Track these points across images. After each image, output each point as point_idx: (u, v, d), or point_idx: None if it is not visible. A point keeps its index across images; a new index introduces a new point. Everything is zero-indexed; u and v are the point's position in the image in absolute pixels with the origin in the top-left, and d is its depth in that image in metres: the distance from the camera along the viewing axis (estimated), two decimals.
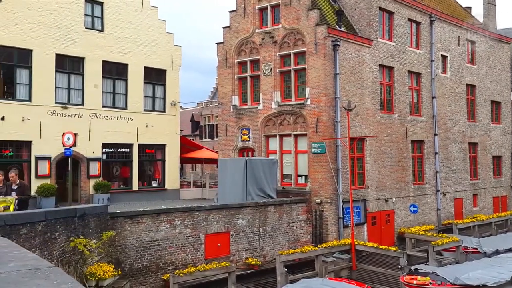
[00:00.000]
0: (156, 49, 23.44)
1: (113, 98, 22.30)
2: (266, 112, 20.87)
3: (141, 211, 13.87)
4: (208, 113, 44.40)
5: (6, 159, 18.83)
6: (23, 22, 18.98)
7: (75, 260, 11.06)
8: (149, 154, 23.83)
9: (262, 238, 16.57)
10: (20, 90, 19.40)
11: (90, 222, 12.07)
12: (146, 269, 13.55)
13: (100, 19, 21.64)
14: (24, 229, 9.38)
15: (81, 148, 20.29)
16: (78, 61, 20.93)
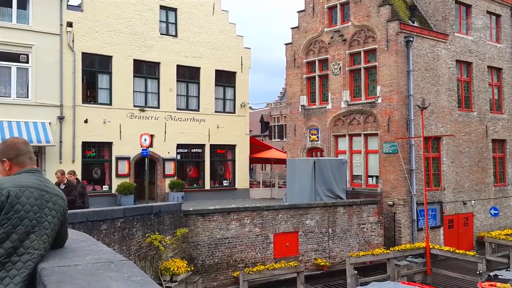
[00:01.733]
0: (227, 52, 23.97)
1: (187, 100, 23.13)
2: (335, 111, 20.60)
3: (212, 210, 14.30)
4: (277, 114, 44.60)
5: (90, 159, 20.23)
6: (103, 30, 20.26)
7: (151, 255, 11.64)
8: (220, 154, 24.42)
9: (331, 239, 16.40)
10: (102, 94, 20.72)
11: (165, 219, 12.64)
12: (217, 266, 13.95)
13: (174, 25, 22.54)
14: (104, 225, 10.02)
15: (157, 148, 21.26)
16: (154, 66, 21.96)
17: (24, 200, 2.52)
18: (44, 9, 18.72)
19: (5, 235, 2.44)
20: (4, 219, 2.45)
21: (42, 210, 2.60)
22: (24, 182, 2.60)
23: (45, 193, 2.66)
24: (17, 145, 2.81)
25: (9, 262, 2.43)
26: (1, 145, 2.87)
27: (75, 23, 19.40)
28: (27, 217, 2.51)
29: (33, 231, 2.53)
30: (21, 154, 2.79)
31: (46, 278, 2.24)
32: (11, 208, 2.46)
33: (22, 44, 18.19)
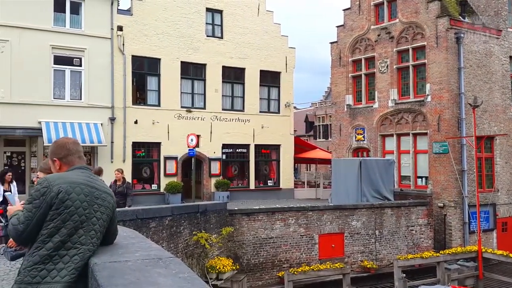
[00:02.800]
0: (272, 52, 24.02)
1: (232, 101, 23.37)
2: (382, 110, 20.18)
3: (257, 209, 14.38)
4: (322, 113, 44.17)
5: (139, 158, 20.85)
6: (152, 33, 20.83)
7: (197, 253, 11.86)
8: (265, 154, 24.50)
9: (378, 241, 16.08)
10: (150, 96, 21.31)
11: (211, 218, 12.84)
12: (262, 265, 14.01)
13: (219, 27, 22.84)
14: (153, 222, 10.32)
15: (203, 148, 21.61)
16: (200, 67, 22.34)
17: (75, 196, 2.63)
18: (95, 14, 19.49)
19: (54, 229, 2.56)
20: (55, 214, 2.57)
21: (92, 206, 2.70)
22: (75, 178, 2.72)
23: (95, 190, 2.76)
24: (66, 145, 2.94)
25: (57, 256, 2.56)
26: (52, 145, 3.02)
27: (125, 26, 20.07)
28: (77, 212, 2.62)
29: (81, 226, 2.63)
30: (70, 153, 2.91)
31: (98, 273, 2.34)
32: (61, 204, 2.58)
33: (76, 48, 19.01)
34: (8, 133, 17.94)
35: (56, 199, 2.58)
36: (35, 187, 2.66)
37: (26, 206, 2.62)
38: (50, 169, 3.31)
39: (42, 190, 2.60)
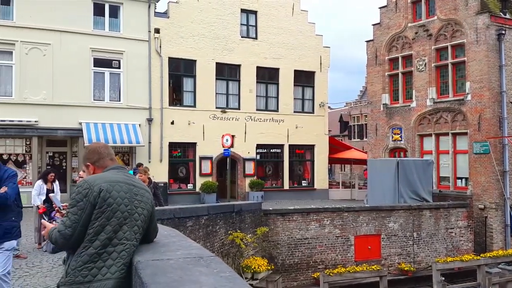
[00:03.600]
0: (306, 52, 23.91)
1: (266, 101, 23.41)
2: (420, 110, 19.74)
3: (292, 210, 14.35)
4: (357, 113, 43.57)
5: (176, 158, 21.20)
6: (188, 35, 21.14)
7: (233, 253, 11.95)
8: (299, 154, 24.40)
9: (416, 244, 15.74)
10: (187, 97, 21.63)
11: (246, 218, 12.91)
12: (297, 266, 13.97)
13: (254, 28, 22.92)
14: (190, 221, 10.46)
15: (238, 148, 21.74)
16: (235, 68, 22.50)
17: (115, 194, 2.71)
18: (133, 17, 19.95)
19: (100, 227, 2.64)
20: (98, 213, 2.65)
21: (132, 202, 2.78)
22: (112, 177, 2.81)
23: (133, 187, 2.84)
24: (98, 149, 3.06)
25: (105, 253, 2.63)
26: (85, 151, 3.15)
27: (162, 29, 20.45)
28: (119, 209, 2.69)
29: (125, 222, 2.71)
30: (102, 157, 3.02)
31: (142, 271, 2.40)
32: (104, 202, 2.66)
33: (115, 50, 19.52)
34: (50, 133, 18.61)
35: (98, 198, 2.66)
36: (76, 190, 2.73)
37: (71, 209, 2.68)
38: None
39: (84, 192, 2.68)
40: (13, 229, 5.30)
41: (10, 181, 5.16)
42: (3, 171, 5.17)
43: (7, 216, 5.23)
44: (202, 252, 2.93)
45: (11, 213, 5.33)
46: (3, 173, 5.13)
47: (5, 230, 5.18)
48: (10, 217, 5.28)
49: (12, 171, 5.34)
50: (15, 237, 5.41)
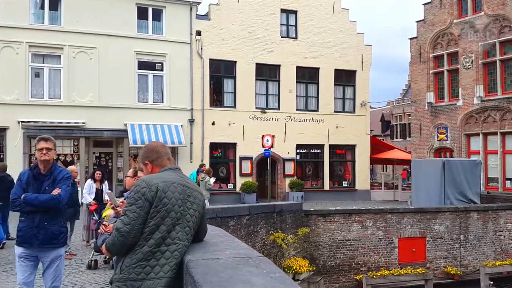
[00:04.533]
0: (347, 50, 23.59)
1: (306, 101, 23.28)
2: (467, 108, 19.08)
3: (333, 210, 14.19)
4: (400, 112, 42.63)
5: (216, 159, 21.44)
6: (228, 36, 21.33)
7: (274, 253, 11.94)
8: (340, 154, 24.12)
9: (463, 247, 15.21)
10: (227, 98, 21.83)
11: (286, 218, 12.87)
12: (339, 268, 13.80)
13: (294, 27, 22.85)
14: (232, 221, 10.54)
15: (277, 149, 21.73)
16: (274, 68, 22.50)
17: (170, 194, 2.77)
18: (176, 20, 20.34)
19: (155, 226, 2.70)
20: (154, 212, 2.71)
21: (185, 204, 2.83)
22: (168, 178, 2.86)
23: (187, 188, 2.89)
24: (156, 148, 3.12)
25: (159, 252, 2.69)
26: (143, 149, 3.21)
27: (203, 31, 20.74)
28: (173, 210, 2.75)
29: (178, 223, 2.77)
30: (160, 156, 3.08)
31: (193, 269, 2.44)
32: (159, 202, 2.72)
33: (158, 53, 19.97)
34: (96, 134, 19.26)
35: (155, 197, 2.72)
36: (134, 189, 2.79)
37: (129, 208, 2.74)
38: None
39: (142, 190, 2.74)
40: (60, 235, 4.82)
41: (64, 183, 4.75)
42: (57, 172, 4.79)
43: (56, 220, 4.78)
44: (251, 252, 2.95)
45: (61, 217, 4.91)
46: (58, 173, 4.77)
47: (53, 235, 4.71)
48: (59, 222, 4.83)
49: (67, 173, 4.96)
50: (62, 244, 4.87)
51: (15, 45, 17.85)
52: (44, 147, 4.59)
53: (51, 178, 4.69)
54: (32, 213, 4.65)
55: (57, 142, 17.50)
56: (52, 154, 4.68)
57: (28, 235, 4.63)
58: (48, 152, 4.61)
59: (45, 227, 4.65)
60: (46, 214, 4.65)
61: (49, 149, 4.62)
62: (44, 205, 4.59)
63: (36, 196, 4.59)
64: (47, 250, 4.69)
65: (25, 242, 4.64)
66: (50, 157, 4.65)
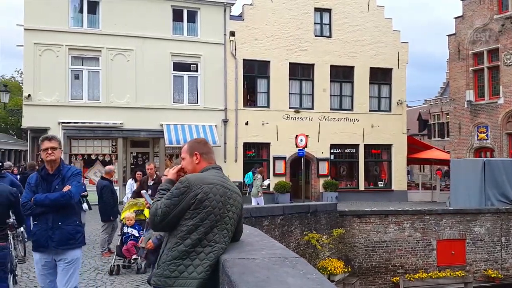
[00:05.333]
0: (382, 48, 23.18)
1: (340, 100, 23.02)
2: (508, 106, 18.41)
3: (369, 211, 13.99)
4: (437, 111, 41.56)
5: (250, 159, 21.49)
6: (262, 36, 21.35)
7: (308, 253, 11.88)
8: (375, 154, 23.73)
9: (505, 249, 14.67)
10: (260, 97, 21.86)
11: (321, 219, 12.78)
12: (375, 269, 13.59)
13: (328, 26, 22.64)
14: (266, 221, 10.56)
15: (311, 148, 21.59)
16: (308, 68, 22.36)
17: (212, 197, 2.78)
18: (210, 21, 20.54)
19: (193, 227, 2.73)
20: (194, 213, 2.74)
21: (225, 206, 2.84)
22: (211, 179, 2.87)
23: (227, 191, 2.90)
24: (208, 144, 3.19)
25: (194, 252, 2.72)
26: (193, 142, 3.23)
27: (237, 32, 20.84)
28: (213, 212, 2.77)
29: (216, 225, 2.78)
30: (210, 152, 3.13)
31: (229, 269, 2.45)
32: (200, 204, 2.74)
33: (193, 54, 20.22)
34: (134, 135, 19.70)
35: (194, 199, 2.75)
36: (177, 184, 2.85)
37: (165, 201, 2.80)
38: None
39: (183, 190, 2.78)
40: (77, 235, 4.58)
41: (74, 179, 4.58)
42: (66, 169, 4.63)
43: (71, 218, 4.56)
44: (286, 252, 2.94)
45: (76, 215, 4.67)
46: (66, 171, 4.61)
47: (69, 235, 4.49)
48: (74, 220, 4.61)
49: (75, 169, 4.78)
50: (79, 244, 4.64)
51: (55, 48, 18.47)
52: (49, 147, 4.49)
53: (59, 177, 4.55)
54: (45, 215, 4.47)
55: (96, 142, 17.87)
56: (57, 153, 4.56)
57: (43, 238, 4.44)
58: (54, 152, 4.50)
59: (60, 227, 4.46)
60: (59, 214, 4.48)
61: (54, 148, 4.51)
62: (55, 203, 4.41)
63: (45, 195, 4.43)
64: (64, 251, 4.50)
65: (41, 246, 4.47)
66: (56, 156, 4.53)
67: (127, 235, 7.87)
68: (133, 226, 7.90)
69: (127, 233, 7.88)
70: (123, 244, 7.79)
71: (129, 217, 7.92)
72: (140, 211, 8.15)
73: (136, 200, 8.25)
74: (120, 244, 7.90)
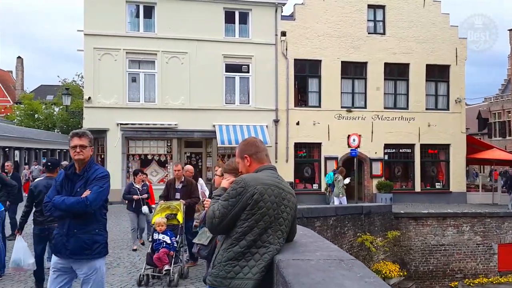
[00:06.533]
0: (439, 44, 22.34)
1: (394, 99, 22.42)
2: None
3: (425, 213, 13.57)
4: (498, 109, 39.54)
5: (301, 159, 21.41)
6: (313, 36, 21.19)
7: (362, 256, 11.67)
8: (432, 154, 22.91)
9: None
10: (311, 97, 21.70)
11: (375, 220, 12.52)
12: (432, 274, 13.15)
13: (381, 23, 22.12)
14: (318, 222, 10.48)
15: (364, 148, 21.17)
16: (361, 66, 21.95)
17: (267, 198, 2.76)
18: (261, 22, 20.65)
19: (248, 228, 2.73)
20: (249, 214, 2.73)
21: (279, 207, 2.81)
22: (266, 180, 2.85)
23: (282, 191, 2.87)
24: (256, 143, 3.11)
25: (249, 253, 2.72)
26: (242, 144, 3.19)
27: (288, 31, 20.81)
28: (268, 213, 2.75)
29: (270, 226, 2.77)
30: (259, 151, 3.07)
31: (284, 270, 2.44)
32: (255, 205, 2.73)
33: (244, 55, 20.42)
34: (187, 135, 20.17)
35: (251, 200, 2.73)
36: (233, 185, 2.83)
37: (223, 202, 2.80)
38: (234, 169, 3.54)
39: (239, 190, 2.77)
40: (94, 245, 4.08)
41: (96, 183, 4.06)
42: (92, 171, 4.13)
43: (89, 226, 4.08)
44: (342, 254, 2.90)
45: (96, 223, 4.14)
46: (92, 173, 4.12)
47: (84, 244, 4.03)
48: (92, 229, 4.10)
49: (102, 172, 4.19)
50: (96, 255, 4.12)
51: (113, 52, 19.26)
52: (78, 144, 4.07)
53: (84, 178, 4.10)
54: (62, 219, 4.11)
55: (152, 143, 18.23)
56: (87, 152, 4.11)
57: (59, 244, 4.09)
58: (83, 150, 4.07)
59: (75, 235, 4.03)
60: (76, 220, 4.04)
61: (83, 146, 4.08)
62: (70, 209, 3.98)
63: (63, 199, 4.02)
64: (79, 262, 4.08)
65: (57, 251, 4.13)
66: (85, 155, 4.09)
67: (158, 242, 7.09)
68: (164, 232, 7.15)
69: (158, 240, 7.10)
70: (154, 252, 6.98)
71: (160, 222, 7.19)
72: (173, 215, 7.45)
73: (168, 203, 7.61)
74: (150, 251, 7.08)
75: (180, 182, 7.83)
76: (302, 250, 2.96)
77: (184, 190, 7.69)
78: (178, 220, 7.35)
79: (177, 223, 7.34)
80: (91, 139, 4.18)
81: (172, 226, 7.30)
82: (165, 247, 6.96)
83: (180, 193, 7.66)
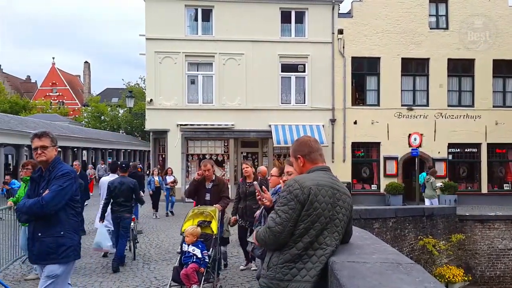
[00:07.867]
0: (507, 38, 21.07)
1: (459, 96, 21.44)
2: None
3: (493, 216, 12.89)
4: None
5: (358, 159, 20.99)
6: (371, 32, 20.71)
7: (424, 259, 11.26)
8: (500, 154, 21.67)
9: None
10: (370, 95, 21.22)
11: (438, 223, 12.04)
12: (500, 279, 12.45)
13: (444, 17, 21.23)
14: (376, 223, 10.23)
15: (426, 148, 20.41)
16: (422, 62, 21.17)
17: (321, 198, 2.70)
18: (318, 21, 20.47)
19: (304, 230, 2.67)
20: (305, 216, 2.67)
21: (334, 208, 2.75)
22: (320, 180, 2.78)
23: (337, 192, 2.80)
24: (309, 143, 3.04)
25: (306, 255, 2.67)
26: (295, 143, 3.12)
27: (345, 29, 20.49)
28: (323, 214, 2.69)
29: (326, 227, 2.70)
30: (313, 151, 3.00)
31: (338, 272, 2.39)
32: (311, 206, 2.67)
33: (300, 55, 20.35)
34: (244, 135, 20.40)
35: (307, 200, 2.67)
36: (287, 189, 2.75)
37: (282, 208, 2.71)
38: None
39: (295, 192, 2.69)
40: (59, 249, 3.80)
41: (55, 182, 3.78)
42: (56, 170, 3.88)
43: (52, 229, 3.80)
44: (400, 257, 2.81)
45: (60, 225, 3.82)
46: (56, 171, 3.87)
47: (48, 248, 3.78)
48: (56, 232, 3.80)
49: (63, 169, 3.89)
50: (63, 259, 3.84)
51: (173, 55, 19.86)
52: (38, 146, 3.87)
53: (46, 179, 3.88)
54: (29, 223, 3.93)
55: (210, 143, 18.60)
56: (49, 153, 3.89)
57: (28, 248, 3.95)
58: (44, 151, 3.86)
59: (40, 238, 3.80)
60: (38, 223, 3.81)
61: (44, 147, 3.87)
62: (29, 212, 3.74)
63: (24, 202, 3.81)
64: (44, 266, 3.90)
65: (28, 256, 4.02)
66: (47, 156, 3.88)
67: (188, 255, 5.84)
68: (195, 243, 5.88)
69: (188, 253, 5.85)
70: (182, 267, 5.79)
71: (191, 232, 5.93)
72: (207, 223, 6.22)
73: (202, 208, 6.38)
74: (178, 265, 5.87)
75: (211, 181, 6.99)
76: (358, 252, 2.89)
77: (215, 189, 6.94)
78: (211, 228, 6.15)
79: (211, 232, 6.14)
80: (52, 139, 3.96)
81: (205, 236, 6.10)
82: (195, 262, 5.76)
83: (210, 193, 6.91)
